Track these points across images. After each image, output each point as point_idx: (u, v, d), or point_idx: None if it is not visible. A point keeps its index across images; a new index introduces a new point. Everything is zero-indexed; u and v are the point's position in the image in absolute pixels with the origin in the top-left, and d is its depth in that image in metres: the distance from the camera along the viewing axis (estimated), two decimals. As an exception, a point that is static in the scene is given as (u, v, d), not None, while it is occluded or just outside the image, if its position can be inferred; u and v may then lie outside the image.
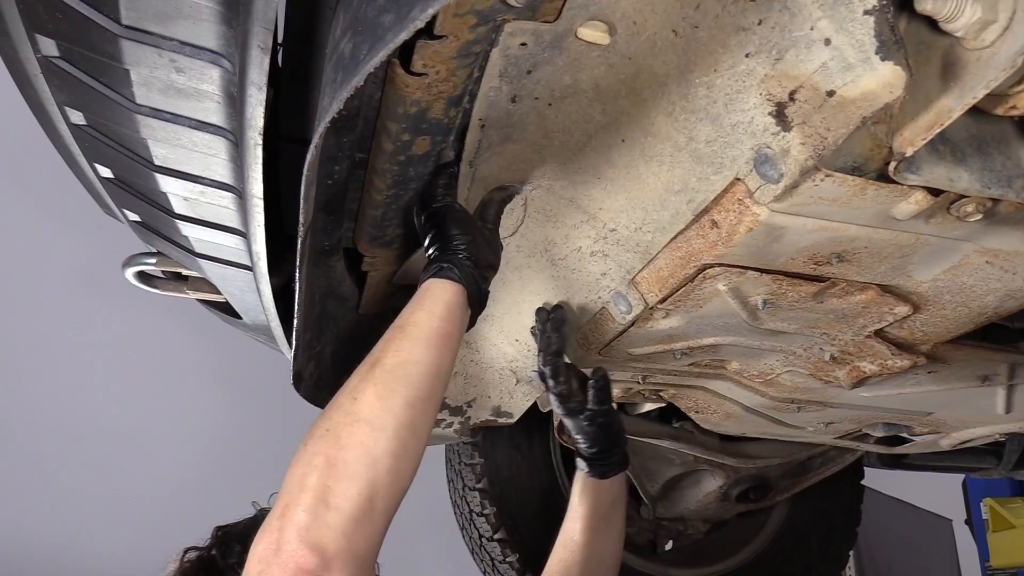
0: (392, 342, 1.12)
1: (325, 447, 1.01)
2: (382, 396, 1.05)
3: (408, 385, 1.08)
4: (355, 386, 1.07)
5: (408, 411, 1.06)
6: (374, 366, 1.09)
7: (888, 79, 0.81)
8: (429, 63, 0.95)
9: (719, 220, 1.10)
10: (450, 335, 1.15)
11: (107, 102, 1.08)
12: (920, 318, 1.34)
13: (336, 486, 0.99)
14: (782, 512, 2.82)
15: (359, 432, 1.02)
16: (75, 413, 5.16)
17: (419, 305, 1.16)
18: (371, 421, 1.04)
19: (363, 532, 0.99)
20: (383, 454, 1.02)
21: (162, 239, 1.53)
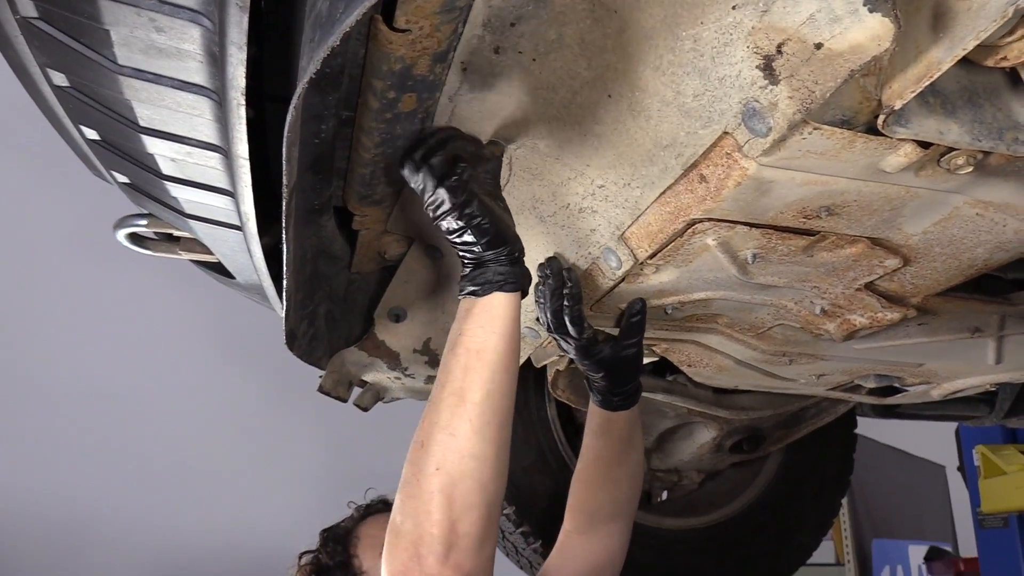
0: (473, 372, 1.18)
1: (442, 484, 1.13)
2: (479, 431, 1.16)
3: (498, 412, 1.18)
4: (449, 423, 1.16)
5: (500, 434, 1.18)
6: (462, 400, 1.17)
7: (876, 31, 0.80)
8: (412, 19, 0.94)
9: (707, 175, 1.09)
10: (519, 346, 1.25)
11: (89, 63, 1.07)
12: (910, 271, 1.34)
13: (462, 517, 1.13)
14: (775, 461, 2.85)
15: (468, 466, 1.14)
16: (69, 375, 5.18)
17: (491, 327, 1.20)
18: (475, 455, 1.15)
19: (489, 545, 1.17)
20: (491, 479, 1.16)
21: (152, 200, 1.53)
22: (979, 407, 2.74)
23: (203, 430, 5.41)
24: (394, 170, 1.32)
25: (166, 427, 5.33)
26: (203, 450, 5.37)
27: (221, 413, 5.51)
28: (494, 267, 1.20)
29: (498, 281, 1.20)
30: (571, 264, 1.47)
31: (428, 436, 1.17)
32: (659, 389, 2.26)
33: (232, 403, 5.54)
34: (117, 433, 5.21)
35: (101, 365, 5.23)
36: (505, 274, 1.20)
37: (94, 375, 5.22)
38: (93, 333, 5.25)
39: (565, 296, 1.43)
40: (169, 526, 5.16)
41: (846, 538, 6.22)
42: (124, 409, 5.26)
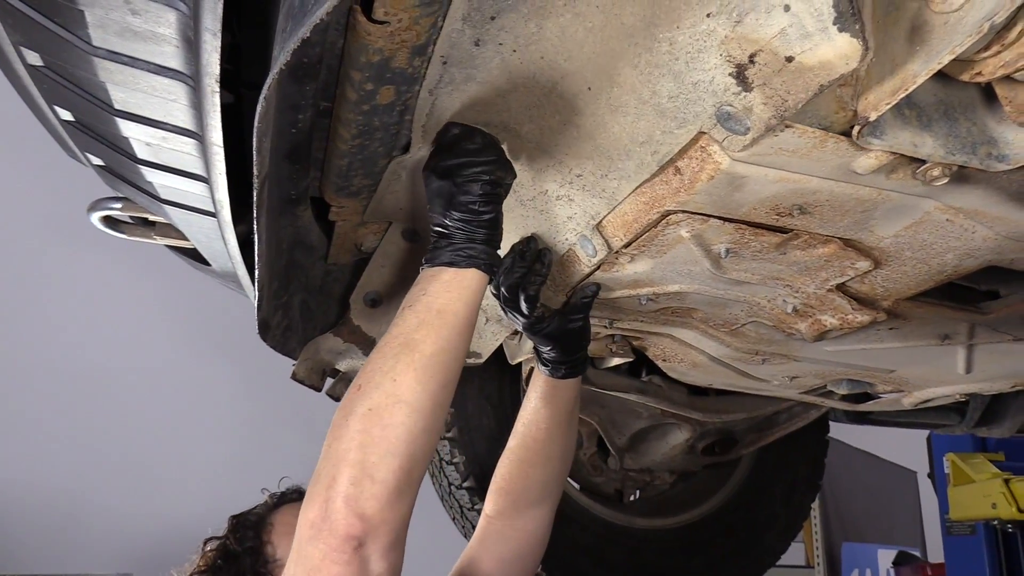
0: (430, 327, 1.18)
1: (368, 425, 1.10)
2: (422, 381, 1.14)
3: (444, 371, 1.17)
4: (392, 368, 1.14)
5: (442, 392, 1.16)
6: (411, 349, 1.15)
7: (845, 51, 0.81)
8: (391, 11, 0.93)
9: (682, 167, 1.10)
10: (475, 321, 1.24)
11: (63, 43, 1.06)
12: (881, 273, 1.35)
13: (380, 461, 1.08)
14: (747, 464, 2.87)
15: (400, 412, 1.11)
16: (43, 359, 5.13)
17: (458, 294, 1.21)
18: (411, 403, 1.12)
19: (403, 502, 1.10)
20: (421, 432, 1.12)
21: (127, 184, 1.51)
22: (950, 415, 2.77)
23: (179, 416, 5.38)
24: (371, 162, 1.32)
25: (140, 412, 5.30)
26: (179, 435, 5.35)
27: (198, 399, 5.48)
28: (480, 246, 1.23)
29: (481, 259, 1.23)
30: (546, 247, 1.48)
31: (367, 380, 1.14)
32: (633, 389, 2.27)
33: (210, 389, 5.51)
34: (89, 418, 5.18)
35: (76, 350, 5.20)
36: (488, 254, 1.24)
37: (69, 360, 5.18)
38: (67, 317, 5.21)
39: (531, 275, 1.45)
40: (143, 512, 5.13)
41: (816, 541, 6.27)
42: (99, 393, 5.22)
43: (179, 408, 5.43)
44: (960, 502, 4.28)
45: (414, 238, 1.62)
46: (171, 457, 5.26)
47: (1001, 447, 4.54)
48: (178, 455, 5.28)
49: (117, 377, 5.30)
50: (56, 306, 5.20)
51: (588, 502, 2.65)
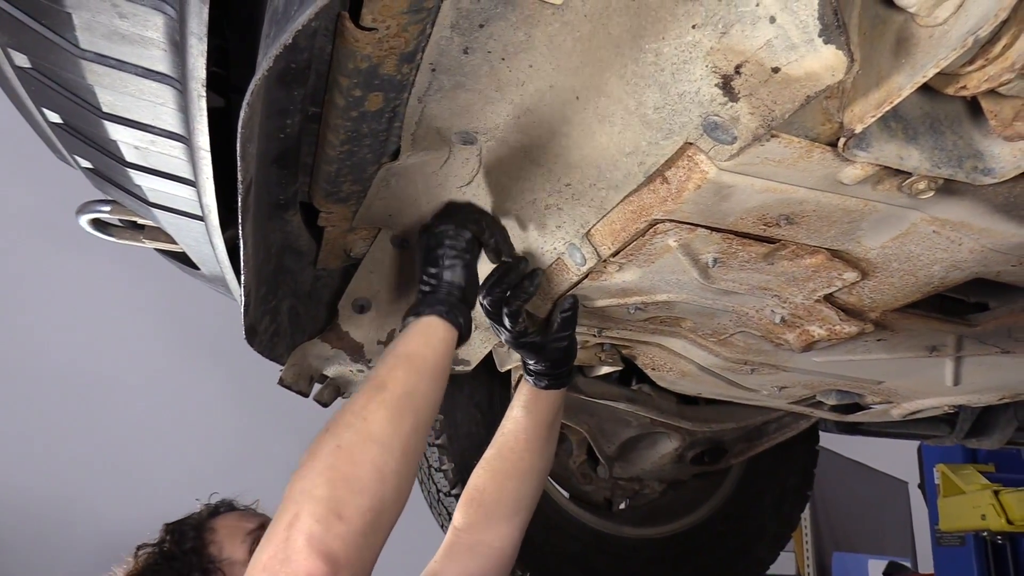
0: (398, 370, 1.20)
1: (337, 462, 1.06)
2: (392, 420, 1.13)
3: (415, 413, 1.17)
4: (364, 407, 1.14)
5: (413, 436, 1.15)
6: (381, 389, 1.16)
7: (830, 62, 0.82)
8: (379, 17, 0.93)
9: (669, 176, 1.11)
10: (446, 371, 1.26)
11: (50, 46, 1.06)
12: (869, 284, 1.36)
13: (349, 499, 1.04)
14: (737, 473, 2.87)
15: (371, 451, 1.09)
16: (29, 358, 5.10)
17: (424, 340, 1.25)
18: (382, 442, 1.10)
19: (369, 545, 1.05)
20: (391, 473, 1.09)
21: (115, 187, 1.51)
22: (940, 426, 2.78)
23: (168, 420, 5.36)
24: (360, 169, 1.32)
25: (128, 416, 5.28)
26: (168, 440, 5.32)
27: (187, 403, 5.46)
28: (443, 298, 1.30)
29: (441, 309, 1.29)
30: (537, 268, 1.48)
31: (337, 420, 1.13)
32: (623, 398, 2.27)
33: (199, 394, 5.49)
34: (76, 422, 5.16)
35: (62, 353, 5.17)
36: (450, 305, 1.30)
37: (55, 364, 5.16)
38: (54, 320, 5.19)
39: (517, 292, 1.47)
40: (131, 517, 5.09)
41: (807, 550, 6.28)
42: (85, 398, 5.20)
43: (167, 412, 5.40)
44: (950, 513, 4.29)
45: (403, 245, 1.61)
46: (160, 462, 5.24)
47: (991, 458, 4.56)
48: (167, 460, 5.26)
49: (103, 381, 5.28)
50: (43, 309, 5.18)
51: (577, 510, 2.64)
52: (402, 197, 1.43)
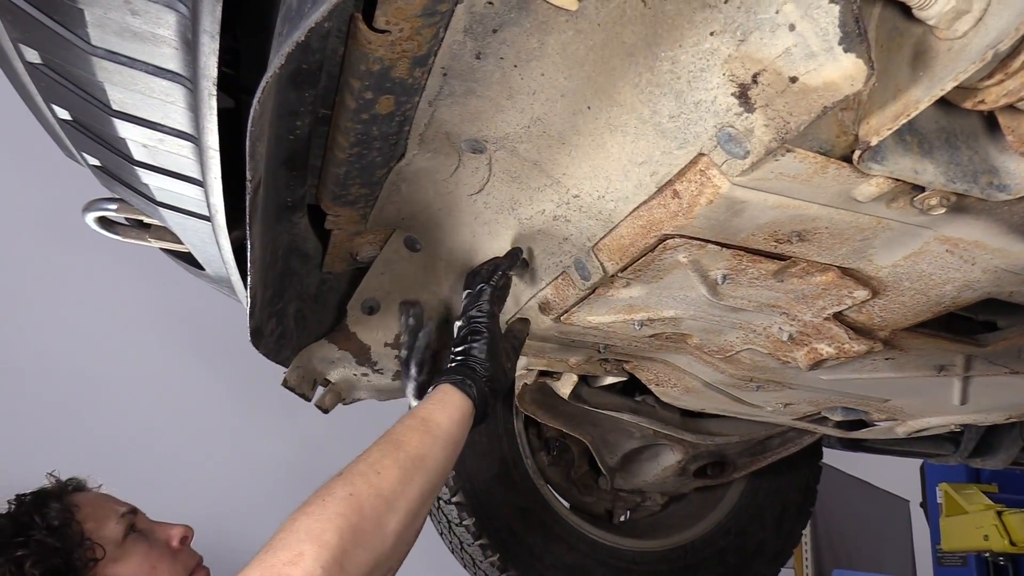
0: (415, 432, 1.23)
1: (347, 511, 1.07)
2: (403, 481, 1.15)
3: (425, 477, 1.19)
4: (378, 461, 1.16)
5: (419, 501, 1.18)
6: (397, 448, 1.19)
7: (850, 71, 0.80)
8: (393, 20, 0.93)
9: (680, 191, 1.09)
10: (459, 442, 1.30)
11: (61, 41, 1.05)
12: (879, 303, 1.34)
13: (354, 553, 1.04)
14: (739, 488, 2.85)
15: (380, 507, 1.10)
16: (31, 355, 5.10)
17: (441, 407, 1.29)
18: (391, 501, 1.12)
19: None
20: (393, 534, 1.11)
21: (123, 185, 1.50)
22: (944, 445, 2.77)
23: (166, 420, 5.35)
24: (369, 172, 1.31)
25: (128, 415, 5.27)
26: (165, 440, 5.31)
27: (187, 403, 5.45)
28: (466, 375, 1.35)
29: (460, 382, 1.34)
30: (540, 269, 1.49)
31: (350, 468, 1.15)
32: (626, 409, 2.25)
33: (199, 394, 5.48)
34: (76, 420, 5.14)
35: (64, 351, 5.17)
36: (471, 384, 1.34)
37: (59, 360, 5.15)
38: (58, 317, 5.18)
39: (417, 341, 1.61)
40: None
41: (807, 567, 6.24)
42: (86, 395, 5.19)
43: (168, 412, 5.39)
44: (952, 533, 4.26)
45: (415, 247, 1.61)
46: (160, 462, 5.23)
47: (995, 479, 4.53)
48: (167, 460, 5.25)
49: (104, 379, 5.27)
50: (46, 307, 5.17)
51: (577, 521, 2.62)
52: (413, 202, 1.42)
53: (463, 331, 1.42)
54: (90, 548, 1.36)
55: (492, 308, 1.43)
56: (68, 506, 1.41)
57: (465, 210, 1.44)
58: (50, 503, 1.40)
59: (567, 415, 2.37)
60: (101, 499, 1.48)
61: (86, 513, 1.41)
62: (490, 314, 1.42)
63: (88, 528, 1.39)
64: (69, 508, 1.40)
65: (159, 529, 1.46)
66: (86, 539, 1.37)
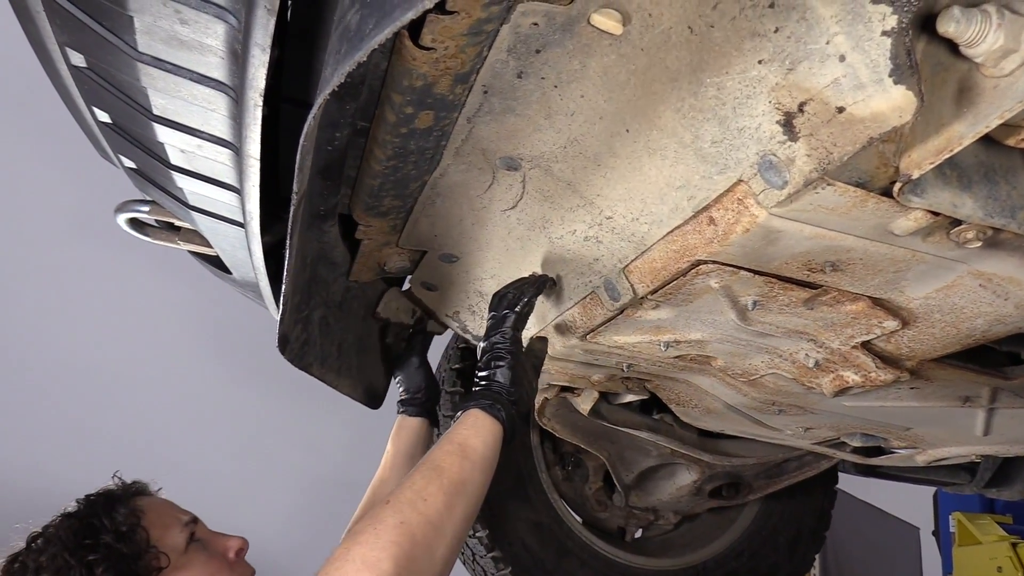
0: (454, 457, 1.26)
1: (400, 538, 1.10)
2: (449, 507, 1.18)
3: (466, 502, 1.23)
4: (423, 488, 1.19)
5: (462, 524, 1.21)
6: (440, 474, 1.22)
7: (899, 103, 0.80)
8: (438, 38, 0.93)
9: (717, 218, 1.09)
10: (494, 465, 1.33)
11: (108, 47, 1.06)
12: (908, 334, 1.34)
13: None
14: (753, 510, 2.84)
15: (430, 533, 1.14)
16: (61, 351, 5.14)
17: (475, 432, 1.32)
18: (439, 527, 1.16)
19: None
20: (441, 559, 1.16)
21: (157, 188, 1.52)
22: (960, 474, 2.74)
23: (188, 423, 5.38)
24: (403, 184, 1.32)
25: (152, 416, 5.30)
26: (186, 442, 5.34)
27: (209, 408, 5.47)
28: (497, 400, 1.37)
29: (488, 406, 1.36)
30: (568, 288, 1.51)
31: (397, 496, 1.17)
32: (645, 427, 2.25)
33: (220, 399, 5.51)
34: (104, 419, 5.18)
35: (93, 349, 5.21)
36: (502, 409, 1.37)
37: (85, 359, 5.19)
38: (84, 317, 5.23)
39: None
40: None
41: (815, 591, 6.19)
42: (112, 396, 5.23)
43: (191, 411, 5.42)
44: (965, 563, 4.22)
45: (451, 260, 1.62)
46: (174, 463, 5.25)
47: (1009, 509, 4.49)
48: (182, 462, 5.27)
49: (128, 378, 5.31)
50: (76, 305, 5.23)
51: (590, 537, 2.61)
52: (447, 217, 1.43)
53: (487, 355, 1.44)
54: (155, 556, 1.34)
55: (515, 333, 1.45)
56: (135, 510, 1.38)
57: (498, 224, 1.45)
58: (117, 507, 1.38)
59: (585, 431, 2.36)
60: (165, 505, 1.46)
61: (151, 519, 1.39)
62: (513, 339, 1.44)
63: (154, 535, 1.36)
64: (136, 513, 1.37)
65: (217, 540, 1.45)
66: (152, 546, 1.34)
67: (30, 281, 5.14)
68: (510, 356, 1.43)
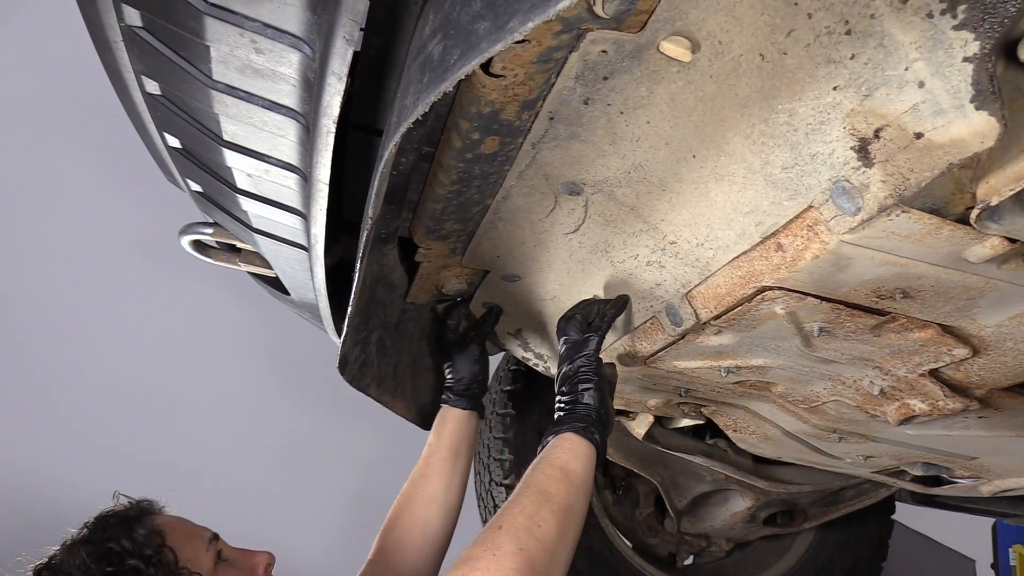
0: (560, 483, 1.24)
1: (522, 566, 1.10)
2: (561, 533, 1.18)
3: (575, 528, 1.22)
4: (535, 514, 1.18)
5: (572, 550, 1.21)
6: (549, 499, 1.20)
7: (980, 129, 0.79)
8: (509, 66, 0.94)
9: (785, 244, 1.08)
10: (591, 489, 1.31)
11: (184, 75, 1.09)
12: (978, 362, 1.30)
13: None
14: (808, 538, 2.78)
15: (547, 560, 1.13)
16: (119, 374, 5.26)
17: (574, 456, 1.30)
18: (554, 553, 1.15)
19: None
20: None
21: (221, 211, 1.55)
22: (1021, 506, 2.66)
23: (238, 442, 5.45)
24: (465, 208, 1.33)
25: (203, 435, 5.39)
26: (235, 462, 5.41)
27: (258, 427, 5.55)
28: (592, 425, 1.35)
29: (583, 429, 1.33)
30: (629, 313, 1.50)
31: (509, 522, 1.16)
32: (699, 452, 2.22)
33: (269, 419, 5.57)
34: (156, 438, 5.27)
35: (148, 367, 5.32)
36: (596, 432, 1.34)
37: (142, 378, 5.30)
38: (144, 336, 5.35)
39: None
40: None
41: (867, 623, 6.04)
42: (168, 413, 5.33)
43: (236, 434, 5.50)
44: (1025, 597, 4.09)
45: (513, 279, 1.62)
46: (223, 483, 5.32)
47: (1070, 543, 4.35)
48: (230, 482, 5.34)
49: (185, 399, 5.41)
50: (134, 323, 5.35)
51: (641, 562, 2.59)
52: (510, 240, 1.43)
53: (573, 377, 1.41)
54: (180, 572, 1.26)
55: (599, 356, 1.42)
56: (156, 530, 1.28)
57: (560, 247, 1.45)
58: (136, 527, 1.28)
59: (639, 455, 2.34)
60: (184, 523, 1.37)
61: (175, 539, 1.29)
62: (598, 362, 1.42)
63: (182, 556, 1.27)
64: (158, 532, 1.28)
65: (244, 557, 1.38)
66: (182, 568, 1.26)
67: (94, 301, 5.27)
68: (597, 378, 1.40)
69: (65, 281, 5.18)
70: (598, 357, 1.43)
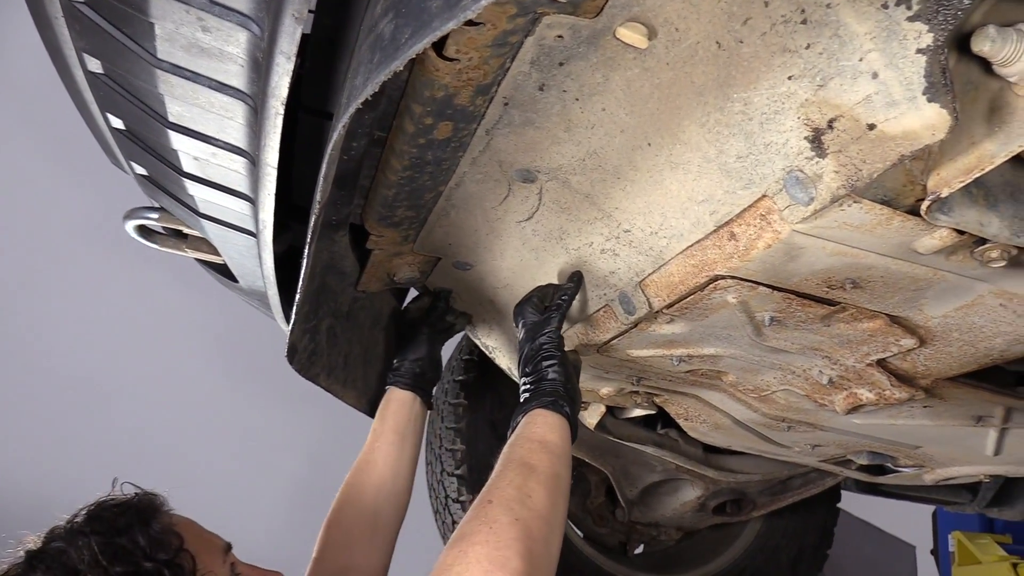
0: (542, 453, 1.24)
1: (521, 535, 1.09)
2: (552, 501, 1.18)
3: (563, 496, 1.23)
4: (524, 485, 1.17)
5: (564, 518, 1.21)
6: (534, 470, 1.20)
7: (932, 121, 0.80)
8: (463, 49, 0.93)
9: (738, 233, 1.08)
10: (571, 460, 1.31)
11: (127, 53, 1.05)
12: (925, 352, 1.33)
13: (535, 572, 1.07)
14: (755, 527, 2.81)
15: (544, 528, 1.13)
16: (63, 362, 5.14)
17: (549, 428, 1.30)
18: (549, 521, 1.15)
19: None
20: (555, 553, 1.16)
21: (167, 195, 1.51)
22: (961, 493, 2.72)
23: (186, 428, 5.37)
24: (417, 195, 1.31)
25: (151, 422, 5.30)
26: (183, 446, 5.33)
27: (205, 415, 5.46)
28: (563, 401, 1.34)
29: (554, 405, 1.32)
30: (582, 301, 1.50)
31: (499, 495, 1.15)
32: (650, 442, 2.23)
33: (218, 405, 5.50)
34: (106, 425, 5.17)
35: (95, 355, 5.21)
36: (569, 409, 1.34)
37: (87, 365, 5.19)
38: (90, 322, 5.23)
39: None
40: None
41: (811, 609, 6.16)
42: (113, 401, 5.22)
43: (185, 415, 5.41)
44: (965, 583, 4.19)
45: (465, 268, 1.61)
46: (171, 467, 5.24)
47: (1008, 529, 4.46)
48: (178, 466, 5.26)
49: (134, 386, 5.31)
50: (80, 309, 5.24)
51: (591, 552, 2.60)
52: (462, 227, 1.42)
53: (535, 356, 1.40)
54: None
55: (560, 334, 1.42)
56: (172, 530, 1.14)
57: (514, 235, 1.44)
58: (152, 523, 1.13)
59: (590, 445, 2.35)
60: (197, 526, 1.22)
61: (193, 543, 1.15)
62: (560, 338, 1.41)
63: (201, 566, 1.14)
64: (175, 532, 1.14)
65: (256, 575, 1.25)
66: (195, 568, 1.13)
67: (37, 286, 5.14)
68: (560, 354, 1.39)
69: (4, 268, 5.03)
70: (559, 335, 1.42)
